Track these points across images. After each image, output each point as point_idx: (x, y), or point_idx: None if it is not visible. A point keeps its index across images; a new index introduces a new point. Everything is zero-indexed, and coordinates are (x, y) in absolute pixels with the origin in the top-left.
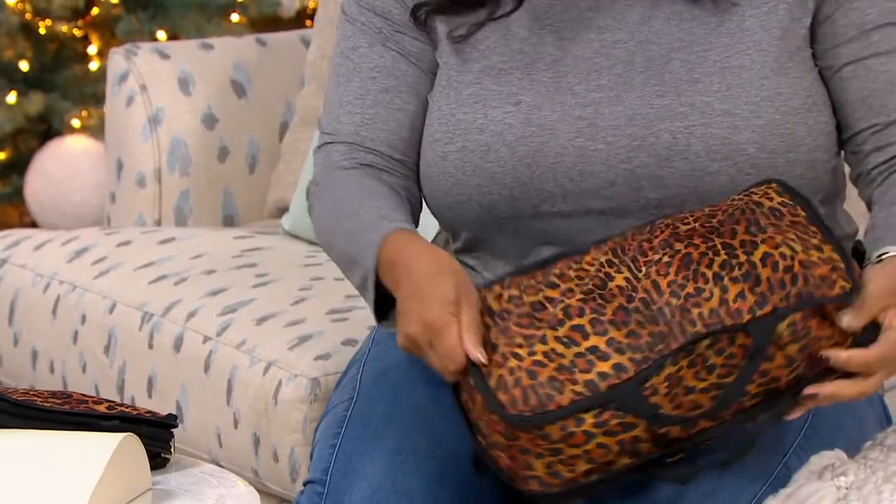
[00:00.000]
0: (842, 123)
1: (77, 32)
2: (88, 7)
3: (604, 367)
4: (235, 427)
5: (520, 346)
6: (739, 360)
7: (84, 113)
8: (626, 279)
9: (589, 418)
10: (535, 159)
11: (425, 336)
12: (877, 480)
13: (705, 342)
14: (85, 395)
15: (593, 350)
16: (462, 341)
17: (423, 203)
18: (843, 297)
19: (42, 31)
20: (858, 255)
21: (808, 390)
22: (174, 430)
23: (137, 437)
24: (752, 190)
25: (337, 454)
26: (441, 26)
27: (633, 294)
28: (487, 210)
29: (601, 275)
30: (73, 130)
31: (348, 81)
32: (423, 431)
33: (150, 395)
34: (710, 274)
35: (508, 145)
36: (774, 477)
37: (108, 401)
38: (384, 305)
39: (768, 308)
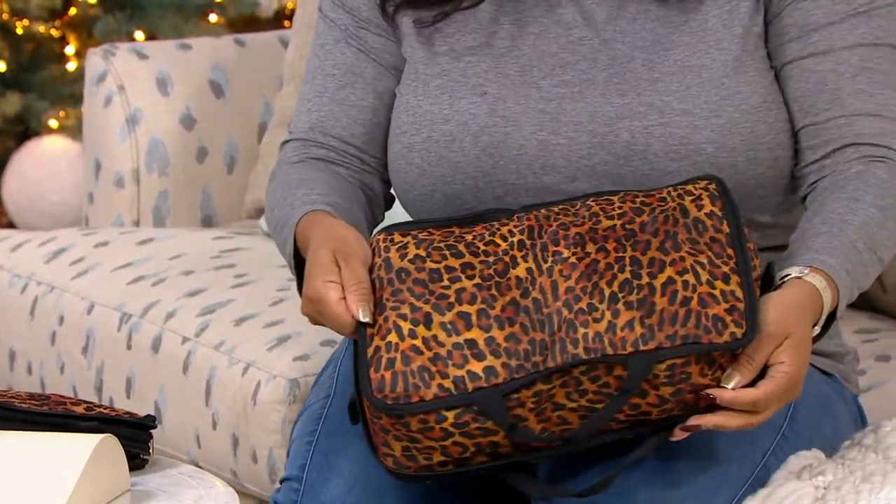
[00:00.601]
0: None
1: (54, 33)
2: (66, 7)
3: (476, 366)
4: (214, 428)
5: (404, 318)
6: (612, 390)
7: (62, 113)
8: (528, 270)
9: (450, 416)
10: (499, 150)
11: (314, 310)
12: (855, 480)
13: (582, 367)
14: (63, 397)
15: (471, 344)
16: (346, 303)
17: (395, 197)
18: (731, 344)
19: (19, 31)
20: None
21: (692, 421)
22: (153, 431)
23: (116, 438)
24: (689, 187)
25: (313, 451)
26: (407, 20)
27: (529, 289)
28: (452, 200)
29: (506, 258)
30: (50, 131)
31: (312, 79)
32: None
33: (128, 396)
34: (607, 292)
35: (472, 135)
36: (754, 477)
37: (86, 402)
38: None
39: (652, 345)
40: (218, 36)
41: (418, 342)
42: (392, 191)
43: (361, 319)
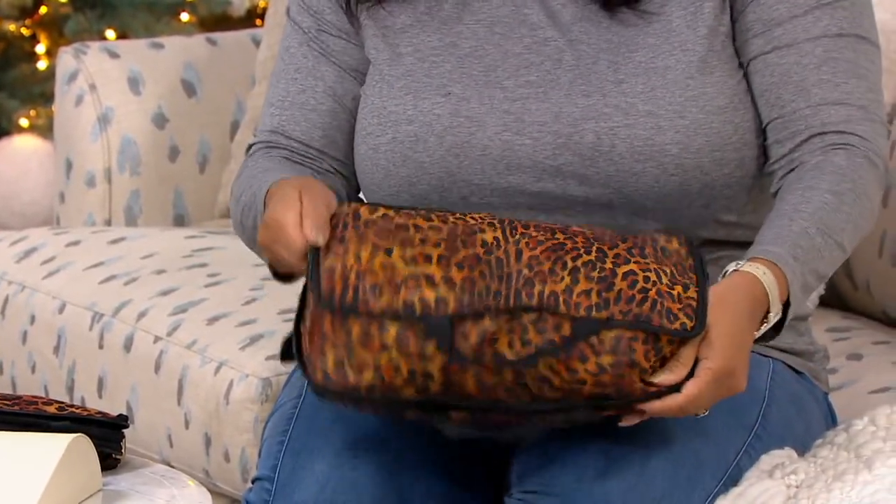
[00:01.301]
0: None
1: (25, 31)
2: (36, 6)
3: (429, 294)
4: (186, 427)
5: (365, 249)
6: (557, 346)
7: (32, 112)
8: (496, 238)
9: (392, 330)
10: (463, 150)
11: (269, 237)
12: (826, 479)
13: (532, 315)
14: (34, 397)
15: (428, 277)
16: (301, 227)
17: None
18: (679, 332)
19: None
20: None
21: (638, 407)
22: (125, 431)
23: (88, 438)
24: (661, 236)
25: (285, 451)
26: (370, 21)
27: (493, 251)
28: (418, 201)
29: (475, 227)
30: (21, 130)
31: (276, 83)
32: (371, 427)
33: (100, 396)
34: (570, 265)
35: (437, 135)
36: (727, 476)
37: (57, 402)
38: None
39: (604, 314)
40: (190, 35)
41: (375, 266)
42: (360, 194)
43: (313, 241)
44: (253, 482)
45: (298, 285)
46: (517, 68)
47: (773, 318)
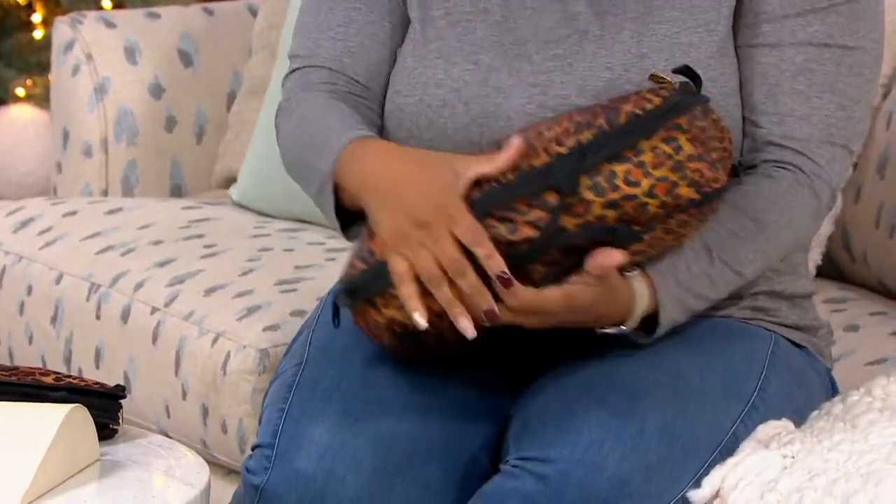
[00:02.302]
0: None
1: (21, 0)
2: None
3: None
4: (184, 398)
5: None
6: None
7: (29, 82)
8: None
9: None
10: (488, 120)
11: (429, 226)
12: (822, 449)
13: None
14: (32, 368)
15: None
16: (499, 163)
17: None
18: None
19: None
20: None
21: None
22: (122, 402)
23: (85, 409)
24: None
25: (285, 418)
26: None
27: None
28: None
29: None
30: (17, 100)
31: (330, 10)
32: (371, 396)
33: (97, 367)
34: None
35: (464, 102)
36: (722, 446)
37: (55, 372)
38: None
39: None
40: (186, 4)
41: None
42: None
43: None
44: (253, 449)
45: (295, 256)
46: (546, 42)
47: (623, 329)
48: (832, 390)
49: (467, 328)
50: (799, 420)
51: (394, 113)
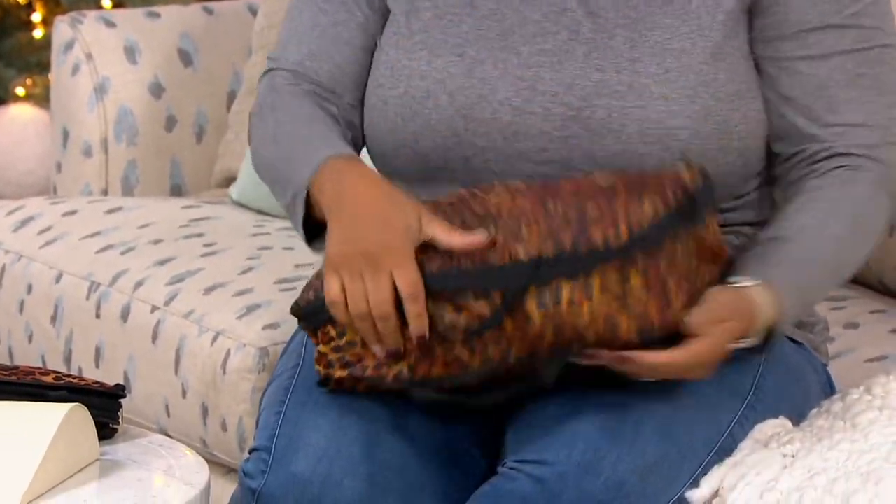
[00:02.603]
0: (767, 116)
1: (21, 0)
2: None
3: None
4: (183, 397)
5: None
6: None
7: (29, 81)
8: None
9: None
10: (472, 111)
11: (374, 261)
12: (822, 448)
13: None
14: (31, 367)
15: None
16: (455, 239)
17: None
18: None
19: None
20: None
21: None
22: (122, 401)
23: (85, 408)
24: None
25: (282, 421)
26: None
27: (482, 196)
28: (421, 158)
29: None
30: (17, 99)
31: (301, 12)
32: (368, 399)
33: (97, 366)
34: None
35: (448, 93)
36: (719, 446)
37: (55, 372)
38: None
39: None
40: (186, 4)
41: None
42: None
43: (482, 239)
44: (250, 452)
45: (294, 255)
46: (534, 35)
47: (745, 342)
48: (829, 387)
49: (378, 352)
50: (796, 417)
51: (377, 105)
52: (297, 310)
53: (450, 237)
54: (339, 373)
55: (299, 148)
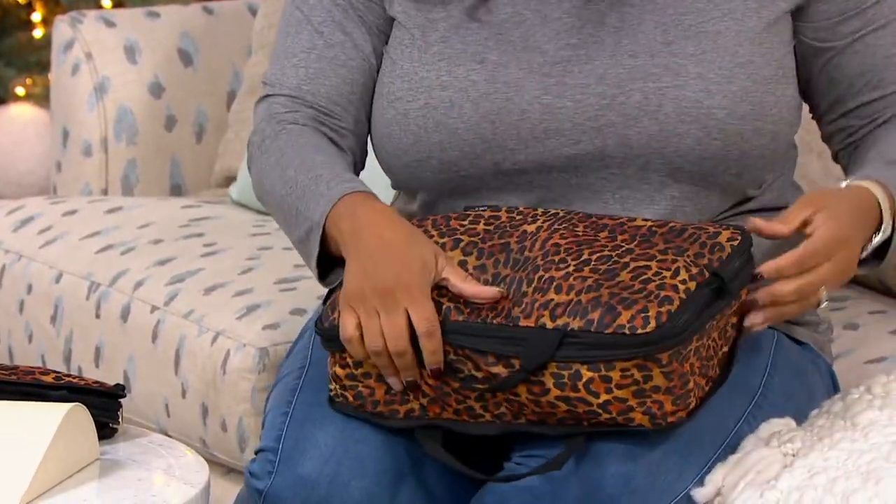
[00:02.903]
0: (836, 100)
1: (21, 0)
2: None
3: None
4: (183, 397)
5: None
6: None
7: (28, 81)
8: (538, 227)
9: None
10: (500, 116)
11: (390, 297)
12: (823, 448)
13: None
14: (31, 367)
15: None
16: (466, 288)
17: (364, 163)
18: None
19: None
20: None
21: (752, 318)
22: (122, 401)
23: (85, 408)
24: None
25: (289, 422)
26: None
27: (526, 240)
28: (448, 167)
29: (527, 218)
30: (17, 98)
31: (297, 33)
32: None
33: (97, 366)
34: (584, 256)
35: (472, 101)
36: (726, 444)
37: (55, 372)
38: (322, 263)
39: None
40: (186, 3)
41: None
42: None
43: (497, 294)
44: (256, 453)
45: (295, 255)
46: (557, 32)
47: (886, 229)
48: (833, 387)
49: (395, 384)
50: (801, 417)
51: (396, 119)
52: (320, 328)
53: (462, 285)
54: (351, 401)
55: (310, 183)
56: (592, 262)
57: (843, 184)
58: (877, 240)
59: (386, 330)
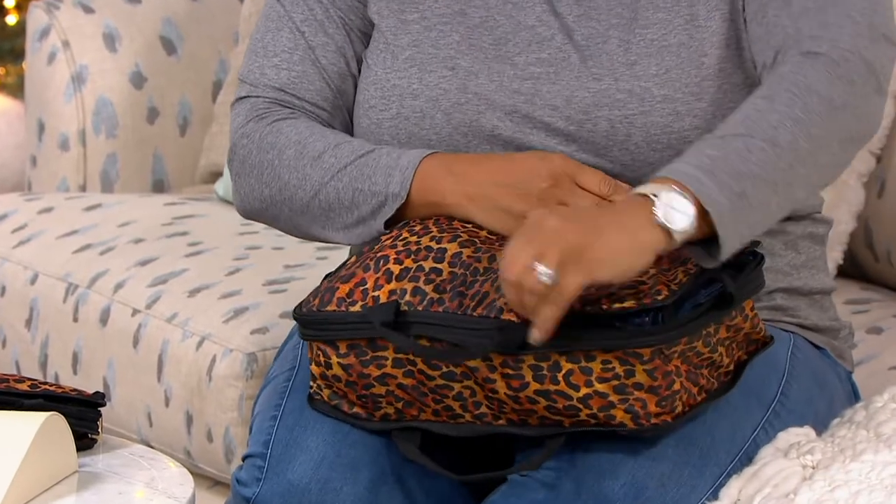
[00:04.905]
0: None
1: None
2: None
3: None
4: (166, 405)
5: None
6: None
7: (1, 70)
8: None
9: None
10: (472, 129)
11: (562, 182)
12: (844, 459)
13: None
14: (5, 374)
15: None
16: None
17: None
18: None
19: None
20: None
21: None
22: (101, 409)
23: (62, 417)
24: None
25: (278, 426)
26: None
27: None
28: None
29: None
30: None
31: (278, 30)
32: None
33: (75, 372)
34: None
35: (444, 112)
36: (742, 453)
37: (30, 379)
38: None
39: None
40: None
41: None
42: None
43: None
44: (243, 459)
45: (284, 255)
46: (528, 43)
47: (660, 195)
48: (854, 395)
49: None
50: (820, 426)
51: (370, 129)
52: (298, 313)
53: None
54: (327, 400)
55: (363, 158)
56: None
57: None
58: (664, 197)
59: (588, 186)
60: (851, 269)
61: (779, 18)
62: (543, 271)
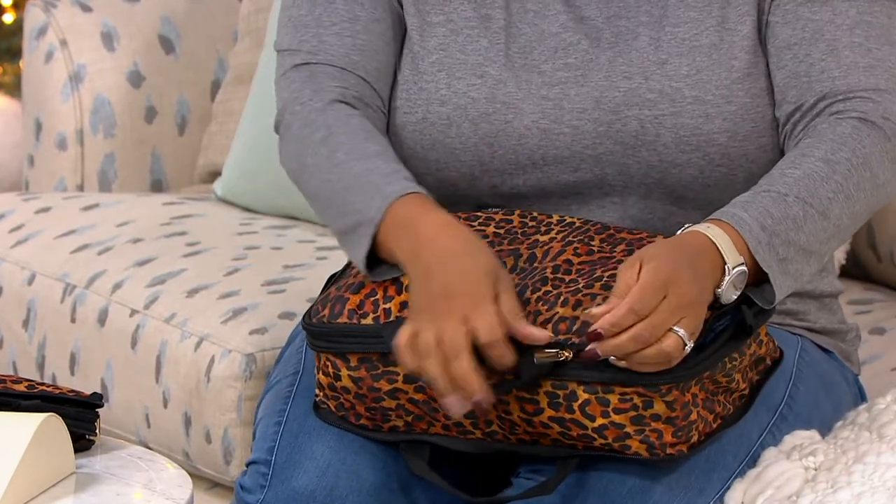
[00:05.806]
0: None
1: None
2: None
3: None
4: (165, 406)
5: None
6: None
7: None
8: (552, 239)
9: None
10: (498, 138)
11: (447, 305)
12: (847, 461)
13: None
14: (2, 375)
15: None
16: (508, 322)
17: None
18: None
19: None
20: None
21: (589, 348)
22: (99, 410)
23: (60, 418)
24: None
25: (282, 433)
26: None
27: (536, 249)
28: (445, 186)
29: (542, 227)
30: None
31: (329, 2)
32: None
33: (72, 373)
34: (597, 274)
35: (471, 121)
36: (749, 457)
37: (27, 379)
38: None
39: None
40: None
41: None
42: None
43: (545, 336)
44: (247, 465)
45: (283, 255)
46: (555, 50)
47: (734, 269)
48: (861, 398)
49: (453, 406)
50: (826, 430)
51: (394, 131)
52: (308, 324)
53: (515, 321)
54: (334, 410)
55: (363, 174)
56: (605, 279)
57: (679, 231)
58: (735, 270)
59: (443, 334)
60: (854, 270)
61: (826, 63)
62: (684, 335)
